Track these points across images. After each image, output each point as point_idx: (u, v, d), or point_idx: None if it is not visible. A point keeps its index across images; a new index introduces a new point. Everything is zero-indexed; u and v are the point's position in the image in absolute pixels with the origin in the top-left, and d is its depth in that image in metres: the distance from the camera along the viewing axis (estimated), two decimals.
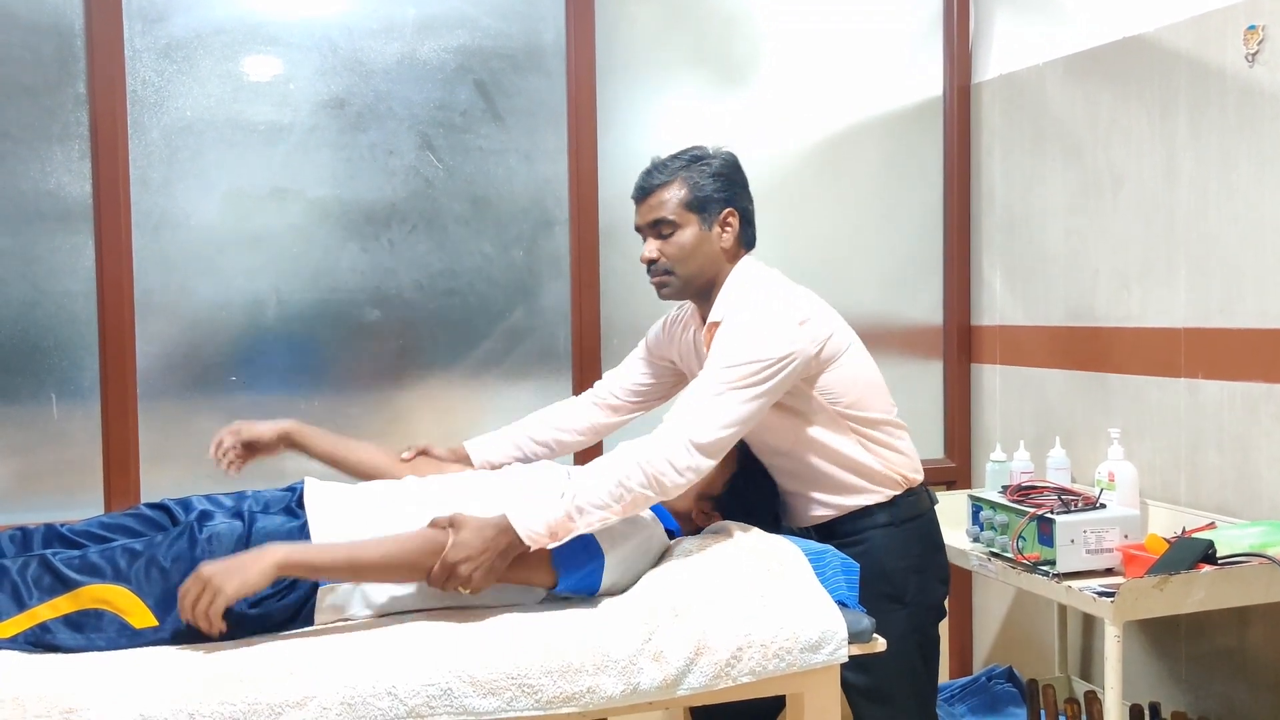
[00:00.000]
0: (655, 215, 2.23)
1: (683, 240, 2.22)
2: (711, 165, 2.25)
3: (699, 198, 2.22)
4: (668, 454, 1.99)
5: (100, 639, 1.84)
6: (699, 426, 2.01)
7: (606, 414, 2.51)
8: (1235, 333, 2.54)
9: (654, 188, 2.24)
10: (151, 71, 2.62)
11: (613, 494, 1.96)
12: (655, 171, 2.25)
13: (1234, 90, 2.52)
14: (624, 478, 1.96)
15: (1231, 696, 2.60)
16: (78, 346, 2.59)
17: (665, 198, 2.23)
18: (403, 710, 1.71)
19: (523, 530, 1.92)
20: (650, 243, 2.26)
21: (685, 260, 2.23)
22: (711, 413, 2.03)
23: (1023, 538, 2.41)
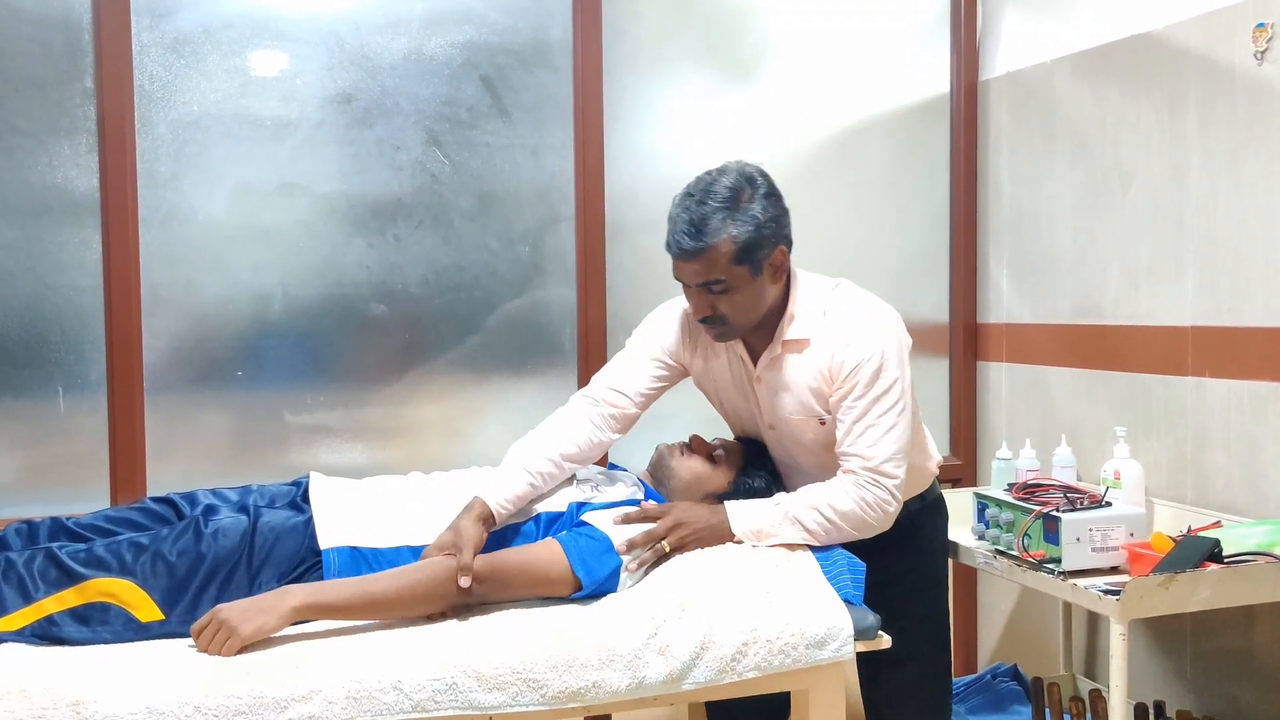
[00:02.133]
0: (703, 278, 2.09)
1: (736, 296, 2.11)
2: (754, 208, 2.08)
3: (746, 249, 2.07)
4: (877, 501, 2.12)
5: (106, 632, 1.84)
6: (895, 468, 2.13)
7: (609, 432, 2.28)
8: (1243, 331, 2.53)
9: (697, 252, 2.07)
10: (159, 66, 2.62)
11: (824, 528, 2.11)
12: (697, 232, 2.06)
13: (1243, 88, 2.51)
14: (839, 519, 2.11)
15: (1237, 696, 2.59)
16: (84, 340, 2.59)
17: (710, 259, 2.07)
18: (408, 704, 1.72)
19: (737, 525, 2.12)
20: (697, 298, 2.13)
21: (742, 314, 2.14)
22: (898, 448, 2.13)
23: (1028, 535, 2.41)
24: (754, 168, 2.15)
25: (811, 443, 2.23)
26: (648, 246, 3.03)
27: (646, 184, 3.02)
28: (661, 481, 2.32)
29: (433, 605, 1.90)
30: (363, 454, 2.81)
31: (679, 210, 2.11)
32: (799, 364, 2.19)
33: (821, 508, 2.11)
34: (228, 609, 1.79)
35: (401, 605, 1.88)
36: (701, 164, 3.03)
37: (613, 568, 2.01)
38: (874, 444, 2.11)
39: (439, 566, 1.91)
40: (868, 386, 2.11)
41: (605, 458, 2.86)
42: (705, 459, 2.32)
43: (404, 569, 1.92)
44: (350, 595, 1.86)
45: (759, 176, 2.13)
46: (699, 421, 2.62)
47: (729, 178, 2.10)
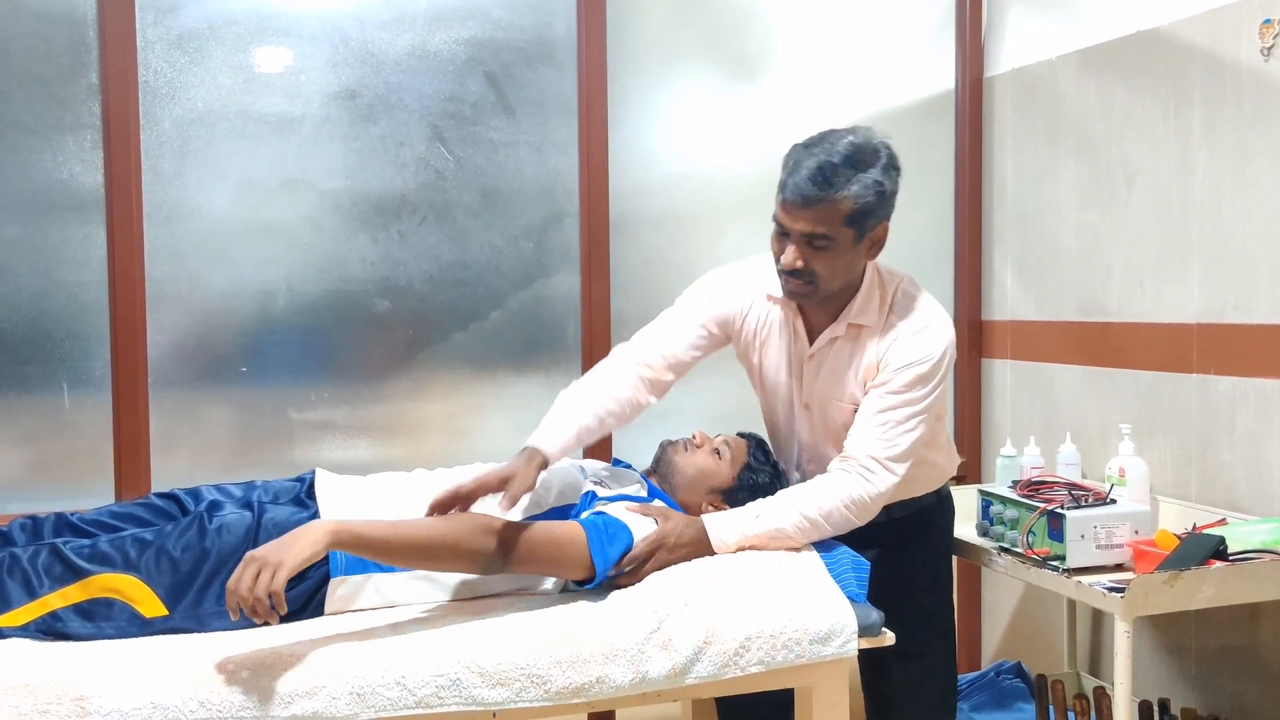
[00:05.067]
0: (811, 229, 2.05)
1: (834, 257, 2.08)
2: (875, 174, 2.05)
3: (861, 212, 2.05)
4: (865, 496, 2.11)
5: (110, 628, 1.85)
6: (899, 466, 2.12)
7: (650, 395, 2.27)
8: (1248, 329, 2.53)
9: (817, 200, 2.03)
10: (163, 62, 2.63)
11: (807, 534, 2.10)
12: (824, 181, 2.02)
13: (1249, 84, 2.50)
14: (823, 519, 2.10)
15: (1241, 693, 2.59)
16: (89, 336, 2.59)
17: (825, 211, 2.04)
18: (411, 700, 1.72)
19: (718, 543, 2.08)
20: (794, 249, 2.08)
21: (832, 277, 2.12)
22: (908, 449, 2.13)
23: (1033, 533, 2.41)
24: (880, 137, 2.11)
25: (843, 427, 2.22)
26: (652, 242, 3.04)
27: (650, 180, 3.02)
28: (665, 477, 2.32)
29: (460, 559, 1.89)
30: (367, 450, 2.81)
31: (803, 156, 2.06)
32: (854, 349, 2.20)
33: (806, 509, 2.10)
34: (260, 551, 1.73)
35: (430, 552, 1.86)
36: (706, 161, 3.08)
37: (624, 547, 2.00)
38: (890, 439, 2.12)
39: (471, 521, 1.90)
40: (908, 386, 2.12)
41: (610, 453, 2.87)
42: (709, 454, 2.32)
43: (436, 519, 1.91)
44: (382, 531, 1.84)
45: (885, 146, 2.10)
46: (703, 417, 2.62)
47: (858, 137, 2.07)
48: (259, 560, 1.71)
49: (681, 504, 2.30)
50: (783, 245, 2.12)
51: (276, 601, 1.69)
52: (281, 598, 1.69)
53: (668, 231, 3.05)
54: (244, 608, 1.69)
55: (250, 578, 1.69)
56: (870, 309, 2.19)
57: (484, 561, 1.91)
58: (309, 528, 1.77)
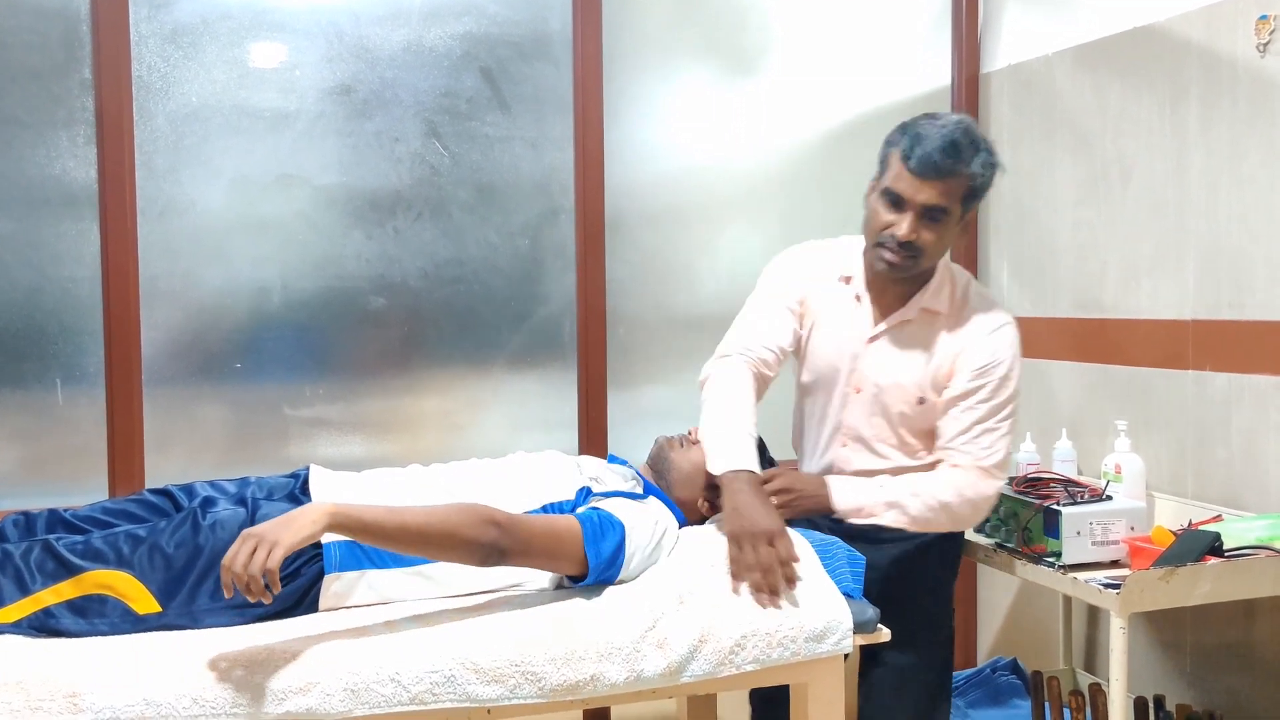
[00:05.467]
0: (939, 201, 2.10)
1: (943, 231, 2.14)
2: (987, 154, 2.13)
3: (975, 191, 2.14)
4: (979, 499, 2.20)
5: (103, 624, 1.84)
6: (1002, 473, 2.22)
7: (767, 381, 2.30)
8: (1244, 325, 2.53)
9: (953, 171, 2.09)
10: (157, 57, 2.62)
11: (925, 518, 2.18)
12: (956, 154, 2.08)
13: (1245, 81, 2.50)
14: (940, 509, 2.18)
15: (1237, 690, 2.59)
16: (83, 332, 2.58)
17: (954, 185, 2.10)
18: (406, 697, 1.71)
19: (838, 500, 2.18)
20: (911, 221, 2.10)
21: (935, 253, 2.18)
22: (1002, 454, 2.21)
23: (1029, 529, 2.41)
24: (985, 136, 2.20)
25: (897, 416, 2.24)
26: (647, 239, 3.03)
27: (646, 177, 3.02)
28: (661, 474, 2.32)
29: (458, 548, 1.86)
30: (361, 447, 2.81)
31: (926, 129, 2.10)
32: (925, 335, 2.23)
33: (925, 496, 2.17)
34: (257, 529, 1.71)
35: (429, 539, 1.84)
36: (702, 157, 3.08)
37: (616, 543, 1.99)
38: (990, 447, 2.19)
39: (471, 510, 1.88)
40: (994, 391, 2.19)
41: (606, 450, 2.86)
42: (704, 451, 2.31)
43: (433, 506, 1.89)
44: (381, 515, 1.81)
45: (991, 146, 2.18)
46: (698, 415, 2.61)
47: (966, 119, 2.16)
48: (256, 536, 1.69)
49: (677, 500, 2.29)
50: (897, 217, 2.12)
51: (270, 580, 1.67)
52: (276, 576, 1.67)
53: (663, 228, 3.05)
54: (238, 585, 1.67)
55: (246, 554, 1.67)
56: (942, 297, 2.24)
57: (483, 552, 1.88)
58: (308, 508, 1.76)
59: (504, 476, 2.18)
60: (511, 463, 2.27)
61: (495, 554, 1.90)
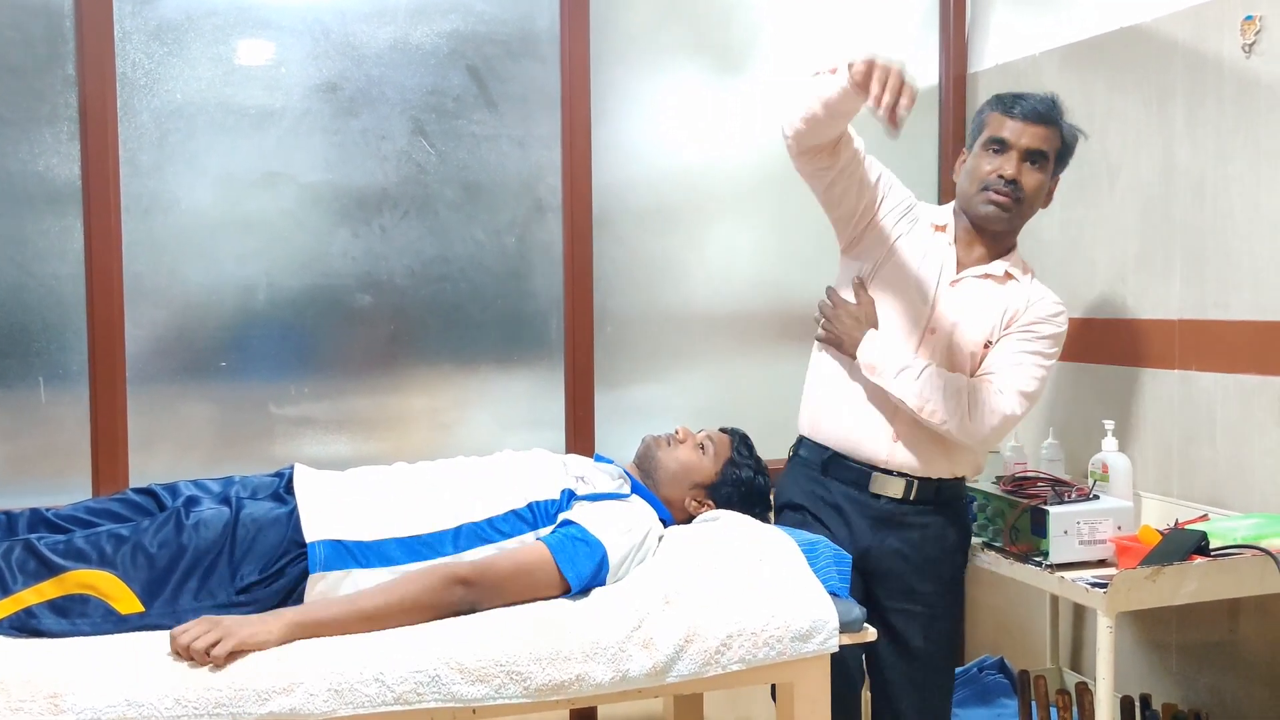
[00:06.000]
0: (1040, 145, 2.30)
1: (1040, 180, 2.32)
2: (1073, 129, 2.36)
3: (1063, 152, 2.35)
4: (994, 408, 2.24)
5: (85, 624, 1.83)
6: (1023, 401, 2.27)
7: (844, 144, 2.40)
8: (1229, 325, 2.53)
9: (1053, 121, 2.31)
10: (141, 54, 2.60)
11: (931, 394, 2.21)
12: (1054, 107, 2.32)
13: (1231, 81, 2.50)
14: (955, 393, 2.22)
15: (1222, 688, 2.59)
16: (66, 330, 2.56)
17: (1051, 134, 2.31)
18: (390, 697, 1.70)
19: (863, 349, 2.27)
20: (1017, 162, 2.29)
21: (1033, 200, 2.34)
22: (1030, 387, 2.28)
23: (1016, 528, 2.41)
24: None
25: (959, 362, 2.31)
26: (635, 237, 3.02)
27: (634, 175, 3.01)
28: (648, 473, 2.32)
29: (424, 615, 1.86)
30: (347, 445, 2.79)
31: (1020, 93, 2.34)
32: (1000, 295, 2.34)
33: (948, 379, 2.24)
34: (217, 618, 1.75)
35: (392, 618, 1.84)
36: (689, 156, 3.07)
37: (598, 559, 1.99)
38: (1021, 374, 2.27)
39: (433, 575, 1.88)
40: (1044, 336, 2.31)
41: (593, 448, 2.86)
42: (693, 449, 2.31)
43: (392, 583, 1.89)
44: (343, 612, 1.82)
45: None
46: (686, 412, 2.61)
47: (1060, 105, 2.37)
48: (214, 623, 1.73)
49: (664, 499, 2.29)
50: (1001, 160, 2.30)
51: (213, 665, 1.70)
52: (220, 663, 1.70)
53: (651, 226, 3.04)
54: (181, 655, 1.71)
55: (198, 633, 1.71)
56: (1020, 267, 2.38)
57: (454, 611, 1.89)
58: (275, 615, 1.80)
59: (489, 475, 2.17)
60: (497, 461, 2.27)
61: (467, 608, 1.89)
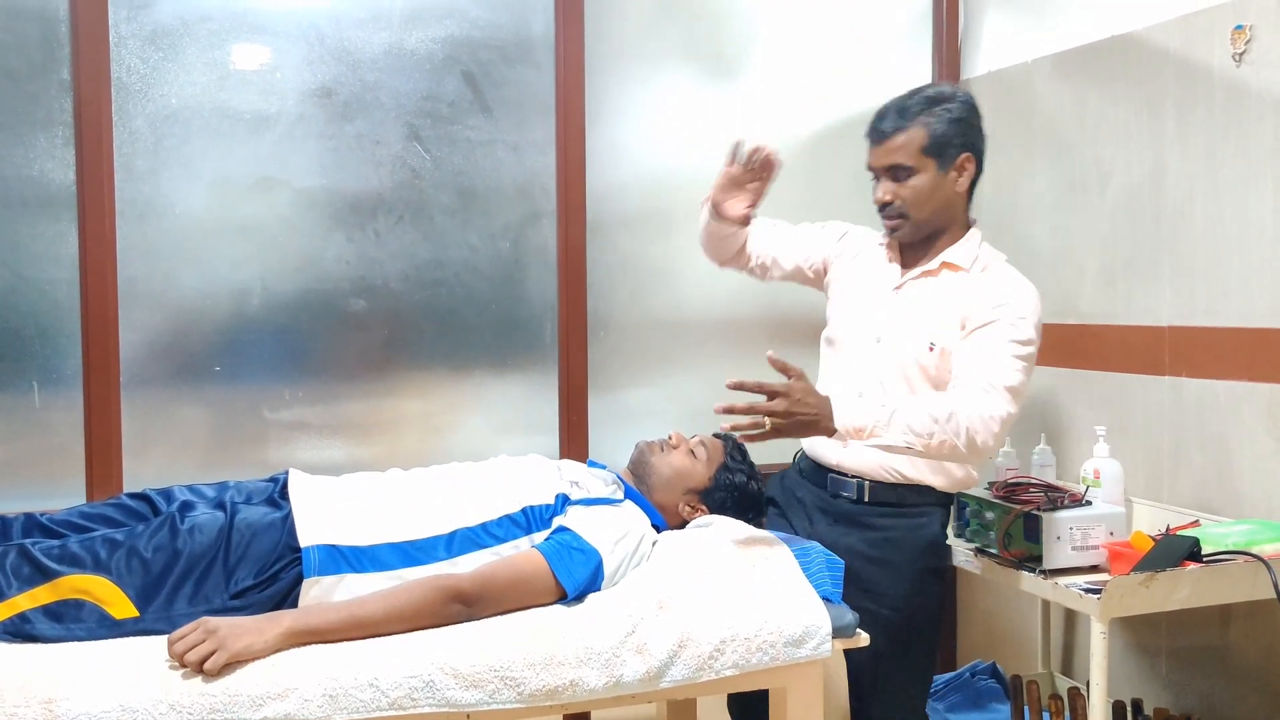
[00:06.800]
0: (891, 160, 2.26)
1: (919, 185, 2.26)
2: (951, 109, 2.26)
3: (937, 142, 2.25)
4: (988, 415, 2.10)
5: (80, 629, 1.82)
6: (1010, 397, 2.15)
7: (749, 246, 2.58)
8: (1219, 331, 2.54)
9: (891, 131, 2.25)
10: (137, 58, 2.60)
11: (928, 429, 2.06)
12: (893, 114, 2.26)
13: (1221, 89, 2.52)
14: (946, 420, 2.06)
15: (1212, 694, 2.61)
16: (60, 334, 2.56)
17: (901, 142, 2.24)
18: (384, 702, 1.71)
19: (840, 419, 2.04)
20: (884, 184, 2.28)
21: (920, 204, 2.27)
22: (1014, 380, 2.16)
23: (1009, 534, 2.41)
24: (965, 92, 2.35)
25: (916, 369, 2.26)
26: (629, 242, 3.03)
27: (628, 180, 3.02)
28: (642, 478, 2.32)
29: (421, 624, 1.86)
30: (341, 450, 2.80)
31: (884, 104, 2.31)
32: (945, 290, 2.29)
33: (933, 409, 2.08)
34: (216, 621, 1.74)
35: (389, 626, 1.84)
36: (683, 160, 3.07)
37: (594, 566, 1.99)
38: (1000, 368, 2.16)
39: (429, 588, 1.88)
40: (1010, 326, 2.20)
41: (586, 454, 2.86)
42: (686, 455, 2.32)
43: (393, 590, 1.89)
44: (340, 619, 1.82)
45: (965, 95, 2.33)
46: (679, 418, 2.62)
47: (936, 88, 2.32)
48: (210, 632, 1.72)
49: (658, 504, 2.30)
50: (876, 187, 2.31)
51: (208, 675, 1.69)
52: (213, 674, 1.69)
53: (645, 231, 3.05)
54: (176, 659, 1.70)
55: (194, 643, 1.70)
56: (965, 254, 2.31)
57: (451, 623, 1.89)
58: (272, 620, 1.78)
59: (483, 480, 2.18)
60: (492, 466, 2.27)
61: (465, 620, 1.90)
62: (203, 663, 1.68)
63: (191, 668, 1.68)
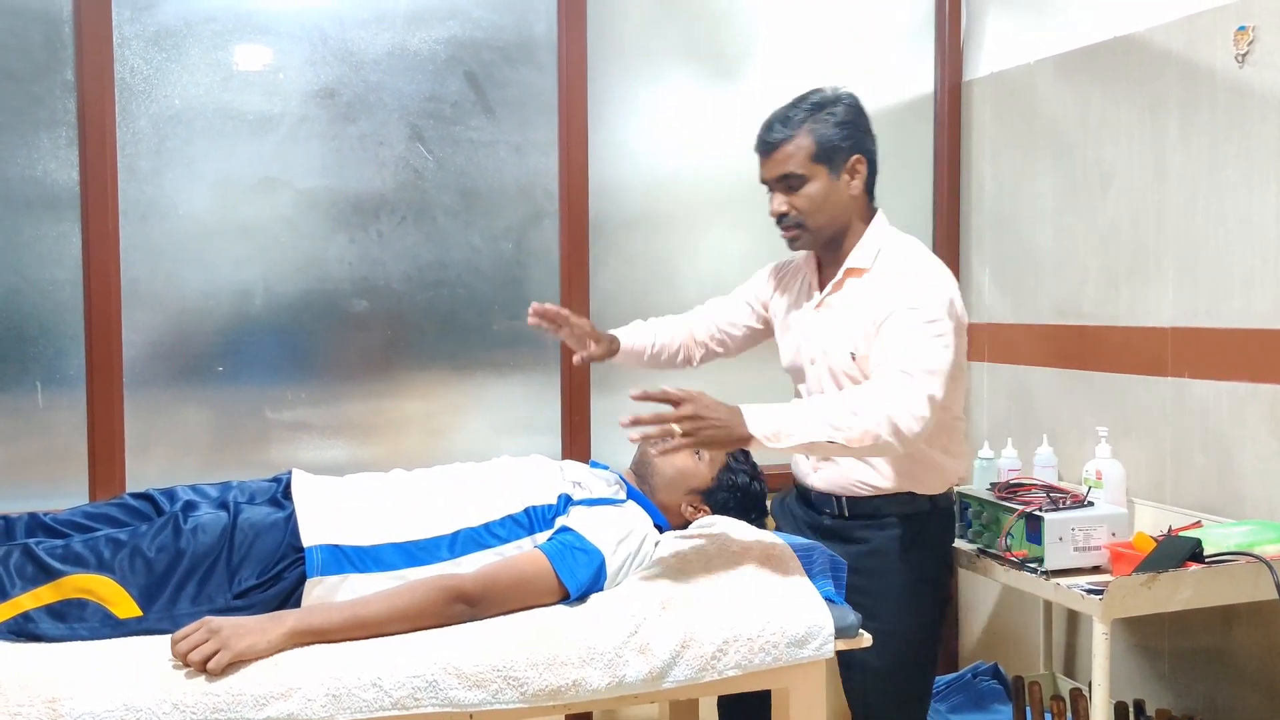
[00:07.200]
0: (781, 170, 2.22)
1: (811, 192, 2.22)
2: (836, 113, 2.24)
3: (825, 148, 2.22)
4: (909, 401, 2.01)
5: (83, 629, 1.82)
6: (931, 381, 2.04)
7: (694, 349, 2.53)
8: (1222, 332, 2.54)
9: (779, 142, 2.22)
10: (140, 59, 2.61)
11: (847, 421, 1.96)
12: (778, 125, 2.24)
13: (1223, 91, 2.52)
14: (862, 408, 1.98)
15: (1214, 695, 2.60)
16: (63, 335, 2.57)
17: (790, 151, 2.21)
18: (388, 702, 1.71)
19: (753, 425, 1.94)
20: (777, 196, 2.25)
21: (816, 212, 2.24)
22: (932, 361, 2.06)
23: (1011, 535, 2.42)
24: (848, 93, 2.31)
25: (848, 383, 2.22)
26: (631, 243, 3.04)
27: (630, 181, 3.02)
28: (645, 478, 2.32)
29: (424, 624, 1.86)
30: (344, 450, 2.80)
31: (768, 116, 2.28)
32: (854, 297, 2.25)
33: (846, 400, 2.02)
34: (220, 621, 1.73)
35: (392, 626, 1.84)
36: (685, 161, 3.08)
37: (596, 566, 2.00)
38: (914, 350, 2.06)
39: (432, 588, 1.88)
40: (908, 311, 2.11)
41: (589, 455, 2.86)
42: (688, 455, 2.32)
43: (395, 590, 1.89)
44: (343, 619, 1.82)
45: (849, 97, 2.30)
46: None
47: (819, 94, 2.28)
48: (214, 631, 1.71)
49: (660, 505, 2.30)
50: (771, 200, 2.27)
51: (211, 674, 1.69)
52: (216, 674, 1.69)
53: (647, 232, 3.05)
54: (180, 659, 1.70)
55: (197, 642, 1.70)
56: (865, 255, 2.26)
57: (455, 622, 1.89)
58: (275, 620, 1.77)
59: (486, 480, 2.18)
60: (494, 467, 2.27)
61: (468, 620, 1.89)
62: (206, 662, 1.68)
63: (195, 667, 1.68)
